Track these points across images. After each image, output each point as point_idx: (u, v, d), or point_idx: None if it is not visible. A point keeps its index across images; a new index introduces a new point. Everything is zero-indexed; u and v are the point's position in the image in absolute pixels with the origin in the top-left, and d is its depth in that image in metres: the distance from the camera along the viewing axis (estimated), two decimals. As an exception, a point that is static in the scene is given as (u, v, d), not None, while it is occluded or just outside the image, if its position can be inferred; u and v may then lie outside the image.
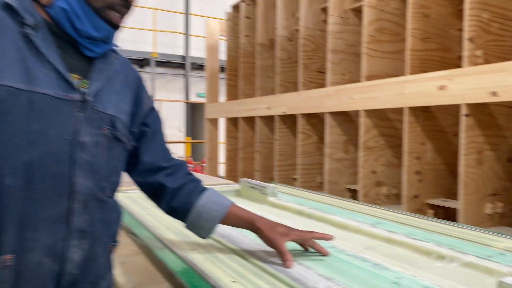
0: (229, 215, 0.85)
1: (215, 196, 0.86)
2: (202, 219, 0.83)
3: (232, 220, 0.86)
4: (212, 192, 0.87)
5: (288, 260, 0.77)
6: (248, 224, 0.84)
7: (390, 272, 0.74)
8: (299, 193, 1.64)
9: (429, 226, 1.08)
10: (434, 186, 2.30)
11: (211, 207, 0.83)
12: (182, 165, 0.88)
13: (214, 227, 0.85)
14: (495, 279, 0.72)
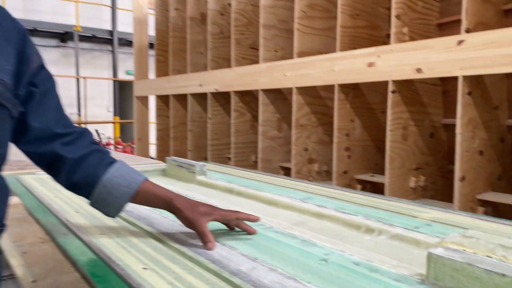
0: (141, 192, 0.74)
1: (125, 170, 0.75)
2: (110, 195, 0.72)
3: (146, 198, 0.75)
4: (121, 165, 0.76)
5: (209, 241, 0.70)
6: (165, 203, 0.75)
7: (319, 249, 0.70)
8: (229, 171, 1.57)
9: (358, 199, 1.07)
10: (362, 162, 2.36)
11: (120, 182, 0.73)
12: (84, 133, 0.76)
13: (123, 205, 0.74)
14: (423, 250, 0.71)
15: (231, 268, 0.60)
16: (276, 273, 0.59)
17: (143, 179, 0.76)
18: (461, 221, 0.86)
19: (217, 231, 0.79)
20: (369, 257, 0.66)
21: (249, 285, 0.54)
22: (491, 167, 1.91)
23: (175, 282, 0.56)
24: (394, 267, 0.61)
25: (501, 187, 1.97)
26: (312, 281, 0.56)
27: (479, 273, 0.50)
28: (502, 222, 0.85)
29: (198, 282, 0.56)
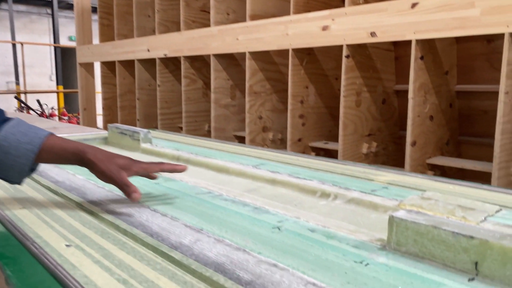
0: (47, 148, 0.63)
1: (24, 127, 0.64)
2: (9, 156, 0.61)
3: (54, 154, 0.64)
4: (18, 122, 0.64)
5: (133, 191, 0.63)
6: (77, 157, 0.65)
7: (271, 216, 0.64)
8: (177, 138, 1.48)
9: (313, 164, 1.02)
10: (316, 129, 2.34)
11: (19, 139, 0.61)
12: None
13: (27, 167, 0.63)
14: (381, 214, 0.67)
15: (171, 242, 0.53)
16: (223, 244, 0.52)
17: (47, 133, 0.65)
18: (417, 183, 0.83)
19: (154, 198, 0.71)
20: (326, 223, 0.61)
21: (191, 260, 0.47)
22: (440, 132, 1.93)
23: (103, 260, 0.47)
24: (352, 233, 0.56)
25: (449, 151, 2.02)
26: (264, 252, 0.50)
27: (445, 236, 0.45)
28: (457, 183, 0.83)
29: (131, 259, 0.48)
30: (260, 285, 0.42)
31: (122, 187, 0.65)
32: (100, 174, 0.65)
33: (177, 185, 0.83)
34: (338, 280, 0.43)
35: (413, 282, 0.43)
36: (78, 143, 0.67)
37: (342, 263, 0.47)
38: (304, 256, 0.49)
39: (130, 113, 3.19)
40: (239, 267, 0.46)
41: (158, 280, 0.43)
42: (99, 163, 0.65)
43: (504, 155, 1.54)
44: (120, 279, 0.43)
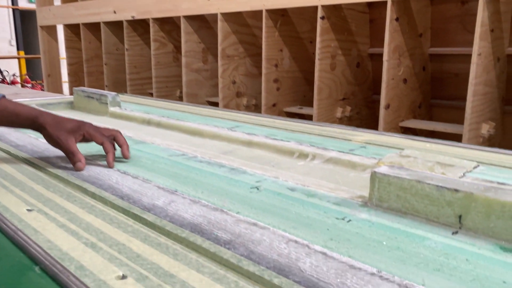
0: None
1: None
2: None
3: (6, 118, 0.64)
4: None
5: (78, 161, 0.61)
6: (29, 121, 0.64)
7: (249, 176, 0.61)
8: (148, 102, 1.42)
9: (289, 126, 0.99)
10: (291, 94, 2.31)
11: None
12: None
13: None
14: (360, 173, 0.65)
15: (144, 204, 0.49)
16: (199, 205, 0.49)
17: None
18: (395, 142, 0.83)
19: (124, 160, 0.67)
20: (305, 182, 0.59)
21: (165, 221, 0.44)
22: (413, 95, 1.94)
23: (69, 224, 0.44)
24: (332, 191, 0.55)
25: (421, 114, 2.04)
26: (242, 211, 0.48)
27: (429, 190, 0.44)
28: (434, 142, 0.83)
29: (100, 222, 0.45)
30: (240, 244, 0.39)
31: (67, 154, 0.63)
32: (49, 139, 0.64)
33: (148, 147, 0.79)
34: (321, 237, 0.41)
35: (397, 237, 0.41)
36: (31, 107, 0.65)
37: (323, 220, 0.45)
38: (285, 215, 0.47)
39: (98, 79, 3.07)
40: (217, 227, 0.43)
41: (129, 243, 0.40)
42: (48, 128, 0.63)
43: (474, 117, 1.56)
44: (88, 242, 0.40)
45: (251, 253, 0.38)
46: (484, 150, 0.77)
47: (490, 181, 0.57)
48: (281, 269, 0.35)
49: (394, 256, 0.38)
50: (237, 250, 0.38)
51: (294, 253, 0.38)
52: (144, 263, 0.36)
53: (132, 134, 0.91)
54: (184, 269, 0.35)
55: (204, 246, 0.39)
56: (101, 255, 0.38)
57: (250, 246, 0.39)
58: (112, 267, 0.36)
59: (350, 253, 0.38)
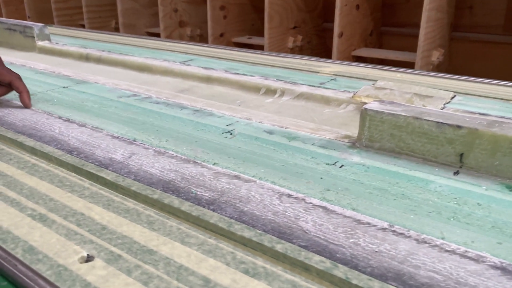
0: None
1: None
2: None
3: None
4: None
5: None
6: None
7: (218, 119, 0.54)
8: (81, 34, 1.25)
9: (249, 58, 0.91)
10: (238, 23, 2.17)
11: None
12: None
13: None
14: (335, 109, 0.60)
15: (98, 158, 0.41)
16: (167, 156, 0.42)
17: None
18: (364, 73, 0.78)
19: (65, 105, 0.56)
20: (282, 122, 0.53)
21: (129, 180, 0.37)
22: (365, 22, 1.89)
23: (6, 192, 0.35)
24: (313, 131, 0.49)
25: (372, 42, 2.01)
26: (220, 162, 0.41)
27: (428, 127, 0.40)
28: (403, 71, 0.79)
29: (47, 186, 0.36)
30: (226, 203, 0.33)
31: None
32: None
33: (92, 88, 0.68)
34: (316, 188, 0.36)
35: (398, 182, 0.37)
36: None
37: (313, 167, 0.40)
38: (269, 163, 0.41)
39: (18, 10, 2.70)
40: (194, 183, 0.37)
41: (89, 211, 0.33)
42: None
43: (427, 44, 1.55)
44: (36, 215, 0.32)
45: (241, 213, 0.32)
46: (455, 79, 0.75)
47: (473, 113, 0.54)
48: (282, 232, 0.30)
49: (401, 205, 0.34)
50: (224, 211, 0.32)
51: (292, 210, 0.32)
52: (112, 237, 0.29)
53: (71, 73, 0.79)
54: (165, 241, 0.29)
55: (184, 209, 0.32)
56: (54, 231, 0.30)
57: (239, 205, 0.33)
58: (72, 246, 0.28)
59: (353, 205, 0.34)
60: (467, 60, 1.89)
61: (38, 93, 0.62)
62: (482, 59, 1.85)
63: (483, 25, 1.83)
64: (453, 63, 1.87)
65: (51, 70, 0.79)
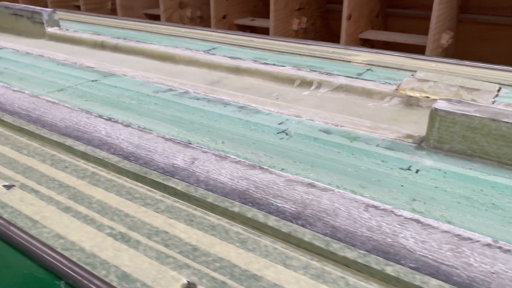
0: None
1: None
2: None
3: None
4: None
5: None
6: None
7: (266, 116, 0.52)
8: (89, 19, 1.20)
9: (274, 46, 0.88)
10: (240, 4, 2.12)
11: None
12: None
13: None
14: (380, 102, 0.58)
15: (160, 165, 0.39)
16: (230, 161, 0.40)
17: None
18: (399, 62, 0.76)
19: (102, 102, 0.53)
20: (334, 120, 0.51)
21: (202, 190, 0.34)
22: (372, 4, 1.86)
23: (75, 206, 0.33)
24: (372, 130, 0.47)
25: (377, 24, 1.98)
26: (287, 167, 0.39)
27: (507, 129, 0.38)
28: (438, 60, 0.77)
29: (114, 197, 0.34)
30: (313, 217, 0.32)
31: None
32: None
33: (122, 81, 0.64)
34: (401, 197, 0.35)
35: (482, 189, 0.36)
36: None
37: (388, 172, 0.38)
38: (340, 169, 0.39)
39: (7, -11, 2.60)
40: (270, 193, 0.35)
41: (173, 228, 0.31)
42: None
43: (438, 26, 1.53)
44: (116, 234, 0.30)
45: (334, 229, 0.30)
46: (493, 69, 0.73)
47: (528, 108, 0.53)
48: (385, 251, 0.28)
49: (495, 216, 0.32)
50: (314, 227, 0.31)
51: (386, 225, 0.31)
52: (208, 260, 0.28)
53: (93, 63, 0.75)
54: (266, 264, 0.27)
55: (271, 225, 0.30)
56: (143, 253, 0.28)
57: (327, 219, 0.31)
58: (169, 272, 0.26)
59: (447, 218, 0.32)
60: (474, 43, 1.87)
61: (68, 88, 0.59)
62: (489, 41, 1.83)
63: (491, 6, 1.81)
64: (460, 46, 1.85)
65: (72, 61, 0.75)
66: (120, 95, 0.58)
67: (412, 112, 0.57)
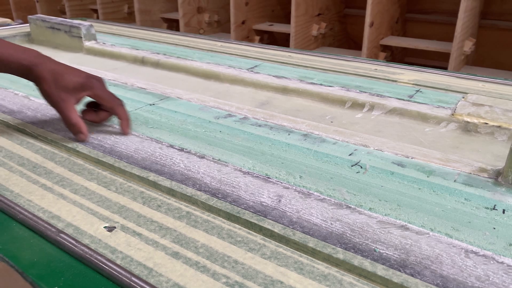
0: None
1: None
2: None
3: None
4: None
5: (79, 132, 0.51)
6: (22, 71, 0.51)
7: (333, 146, 0.52)
8: (125, 31, 1.20)
9: (317, 63, 0.88)
10: (259, 9, 2.13)
11: None
12: None
13: None
14: (436, 127, 0.59)
15: (249, 203, 0.39)
16: (315, 199, 0.40)
17: None
18: (445, 82, 0.76)
19: (165, 128, 0.54)
20: (403, 151, 0.51)
21: (300, 234, 0.35)
22: (392, 10, 1.86)
23: (183, 252, 0.34)
24: (444, 163, 0.48)
25: (397, 30, 1.98)
26: (375, 207, 0.40)
27: None
28: (485, 80, 0.78)
29: (217, 241, 0.35)
30: (419, 265, 0.32)
31: (65, 121, 0.51)
32: (45, 96, 0.51)
33: (180, 106, 0.65)
34: (497, 242, 0.35)
35: None
36: (22, 50, 0.51)
37: (475, 212, 0.39)
38: (428, 208, 0.40)
39: (24, -8, 2.61)
40: (367, 237, 0.35)
41: (286, 278, 0.31)
42: (45, 84, 0.50)
43: (462, 34, 1.53)
44: (233, 283, 0.31)
45: (444, 280, 0.31)
46: (539, 90, 0.73)
47: None
48: (501, 304, 0.29)
49: None
50: (424, 276, 0.31)
51: (492, 274, 0.31)
52: (331, 313, 0.28)
53: (144, 84, 0.76)
54: (389, 318, 0.28)
55: (381, 274, 0.31)
56: (263, 304, 0.29)
57: (434, 268, 0.32)
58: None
59: (549, 265, 0.33)
60: (495, 49, 1.87)
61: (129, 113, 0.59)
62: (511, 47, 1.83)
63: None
64: (480, 52, 1.85)
65: (122, 81, 0.76)
66: (183, 121, 0.58)
67: (472, 139, 0.57)
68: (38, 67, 0.50)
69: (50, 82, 0.50)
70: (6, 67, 0.51)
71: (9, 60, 0.50)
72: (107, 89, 0.52)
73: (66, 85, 0.50)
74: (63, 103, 0.50)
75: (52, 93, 0.50)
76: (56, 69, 0.50)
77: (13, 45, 0.52)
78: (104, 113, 0.54)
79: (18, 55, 0.50)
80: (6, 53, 0.50)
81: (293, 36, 1.84)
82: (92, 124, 0.55)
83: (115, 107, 0.52)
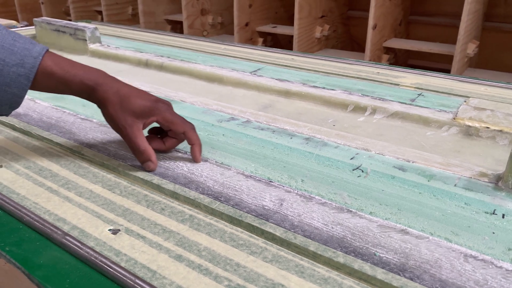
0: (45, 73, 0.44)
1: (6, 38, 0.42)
2: None
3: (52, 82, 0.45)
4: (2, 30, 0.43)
5: (147, 160, 0.46)
6: (84, 93, 0.46)
7: (335, 149, 0.53)
8: (130, 33, 1.21)
9: (319, 66, 0.89)
10: (263, 11, 2.13)
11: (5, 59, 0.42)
12: None
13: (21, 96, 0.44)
14: (437, 131, 0.59)
15: (251, 207, 0.40)
16: (317, 203, 0.41)
17: (43, 50, 0.44)
18: (447, 85, 0.76)
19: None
20: (404, 155, 0.52)
21: (301, 238, 0.36)
22: (396, 13, 1.86)
23: (186, 255, 0.34)
24: (445, 167, 0.48)
25: (400, 32, 1.98)
26: (375, 211, 0.40)
27: None
28: (487, 84, 0.78)
29: (219, 244, 0.35)
30: (418, 269, 0.33)
31: (132, 148, 0.46)
32: (109, 120, 0.47)
33: (184, 109, 0.66)
34: (496, 246, 0.36)
35: None
36: (84, 70, 0.46)
37: (475, 217, 0.39)
38: (428, 213, 0.40)
39: (29, -6, 2.63)
40: (368, 241, 0.36)
41: (287, 281, 0.32)
42: (110, 107, 0.45)
43: (465, 36, 1.53)
44: (235, 286, 0.31)
45: (443, 284, 0.31)
46: (541, 94, 0.74)
47: None
48: (499, 308, 0.29)
49: None
50: (423, 280, 0.32)
51: (491, 279, 0.32)
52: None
53: (148, 86, 0.76)
54: (388, 322, 0.29)
55: (381, 278, 0.32)
56: (265, 307, 0.29)
57: (433, 272, 0.32)
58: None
59: (547, 270, 0.33)
60: (498, 51, 1.87)
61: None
62: (514, 50, 1.83)
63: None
64: (483, 54, 1.85)
65: (126, 84, 0.77)
66: (186, 125, 0.59)
67: (473, 143, 0.57)
68: (103, 87, 0.46)
69: (116, 105, 0.45)
70: (67, 88, 0.46)
71: (72, 81, 0.45)
72: (176, 113, 0.48)
73: (133, 109, 0.45)
74: (130, 129, 0.45)
75: (118, 117, 0.45)
76: (123, 91, 0.46)
77: (78, 64, 0.47)
78: (172, 141, 0.49)
79: (82, 75, 0.45)
80: (66, 75, 0.45)
81: (297, 38, 1.85)
82: (95, 124, 0.56)
83: (187, 131, 0.47)
